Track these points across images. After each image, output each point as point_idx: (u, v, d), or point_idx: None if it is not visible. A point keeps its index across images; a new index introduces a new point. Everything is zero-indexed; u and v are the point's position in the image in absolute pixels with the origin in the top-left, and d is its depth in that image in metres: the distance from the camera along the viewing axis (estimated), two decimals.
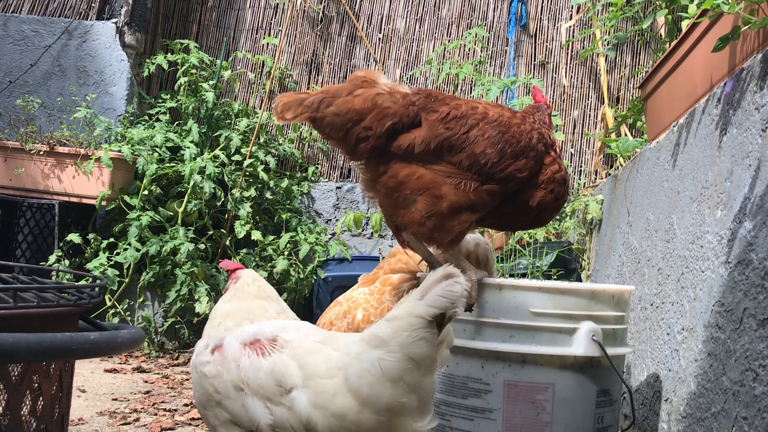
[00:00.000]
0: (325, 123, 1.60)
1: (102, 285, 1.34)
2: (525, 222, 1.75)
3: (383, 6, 5.11)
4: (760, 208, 1.53)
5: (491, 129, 1.62)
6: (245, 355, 1.36)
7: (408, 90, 1.65)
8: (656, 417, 2.05)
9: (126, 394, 3.01)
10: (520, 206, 1.67)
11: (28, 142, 4.09)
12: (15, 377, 1.12)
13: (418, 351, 1.18)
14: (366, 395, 1.20)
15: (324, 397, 1.24)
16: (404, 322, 1.20)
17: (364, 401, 1.20)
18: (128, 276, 4.04)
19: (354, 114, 1.59)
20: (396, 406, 1.19)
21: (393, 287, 1.88)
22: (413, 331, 1.19)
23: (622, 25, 4.72)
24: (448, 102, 1.65)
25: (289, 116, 1.61)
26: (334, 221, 4.79)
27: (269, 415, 1.28)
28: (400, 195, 1.60)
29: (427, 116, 1.61)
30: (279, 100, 1.62)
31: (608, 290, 1.68)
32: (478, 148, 1.59)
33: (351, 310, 1.84)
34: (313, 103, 1.59)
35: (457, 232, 1.59)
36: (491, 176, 1.60)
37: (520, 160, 1.63)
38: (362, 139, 1.59)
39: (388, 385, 1.18)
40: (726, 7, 1.72)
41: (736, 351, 1.55)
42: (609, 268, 2.99)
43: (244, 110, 4.78)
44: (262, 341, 1.37)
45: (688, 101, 2.22)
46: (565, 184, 1.72)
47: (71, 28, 4.69)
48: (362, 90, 1.61)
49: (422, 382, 1.20)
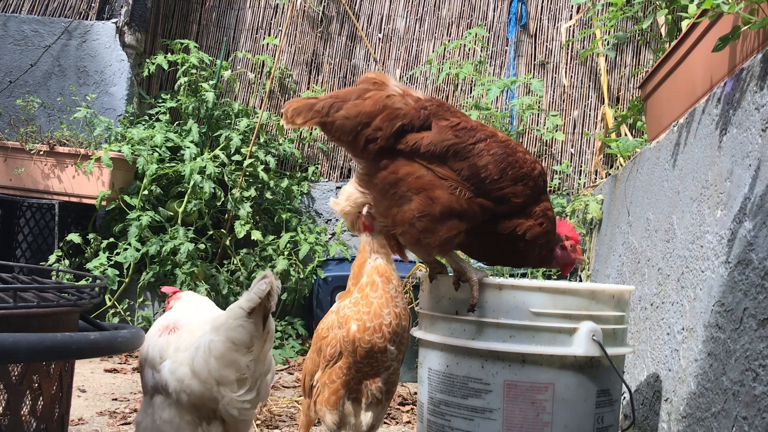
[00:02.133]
0: (335, 127, 1.59)
1: (102, 285, 1.34)
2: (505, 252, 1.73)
3: (383, 6, 5.11)
4: (760, 208, 1.53)
5: (497, 147, 1.63)
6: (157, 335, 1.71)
7: (421, 95, 1.66)
8: (656, 417, 2.05)
9: (126, 394, 3.01)
10: (507, 230, 1.66)
11: (28, 142, 4.09)
12: (15, 377, 1.12)
13: (237, 336, 1.52)
14: (196, 367, 1.55)
15: (175, 366, 1.59)
16: (231, 313, 1.54)
17: (195, 372, 1.55)
18: (128, 276, 4.04)
19: (364, 117, 1.58)
20: (218, 377, 1.53)
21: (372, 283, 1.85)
22: (235, 319, 1.53)
23: (622, 25, 4.72)
24: (459, 115, 1.67)
25: (299, 121, 1.61)
26: (334, 221, 4.79)
27: (152, 378, 1.65)
28: (397, 192, 1.60)
29: (438, 122, 1.62)
30: (289, 106, 1.62)
31: (608, 290, 1.68)
32: (481, 161, 1.60)
33: (344, 324, 1.83)
34: (323, 107, 1.59)
35: (443, 238, 1.59)
36: (487, 192, 1.61)
37: (518, 185, 1.64)
38: (371, 140, 1.59)
39: (213, 361, 1.53)
40: (726, 7, 1.72)
41: (736, 351, 1.55)
42: (609, 268, 2.99)
43: (244, 110, 4.78)
44: (170, 326, 1.72)
45: (688, 101, 2.22)
46: (554, 224, 1.73)
47: (71, 28, 4.69)
48: (373, 92, 1.61)
49: (240, 360, 1.53)
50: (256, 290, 1.50)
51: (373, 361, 1.81)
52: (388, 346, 1.80)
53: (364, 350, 1.79)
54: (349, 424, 1.86)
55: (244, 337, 1.52)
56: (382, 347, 1.79)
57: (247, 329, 1.52)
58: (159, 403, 1.61)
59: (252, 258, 4.27)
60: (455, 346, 1.67)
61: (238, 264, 4.24)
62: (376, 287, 1.83)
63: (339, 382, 1.83)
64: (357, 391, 1.85)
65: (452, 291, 1.68)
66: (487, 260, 1.82)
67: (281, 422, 2.66)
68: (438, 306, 1.75)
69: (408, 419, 2.82)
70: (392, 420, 2.80)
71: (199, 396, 1.55)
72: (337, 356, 1.83)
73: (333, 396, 1.83)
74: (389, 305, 1.82)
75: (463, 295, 1.66)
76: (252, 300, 1.50)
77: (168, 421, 1.59)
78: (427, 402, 1.76)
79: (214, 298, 4.01)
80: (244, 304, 1.52)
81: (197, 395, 1.55)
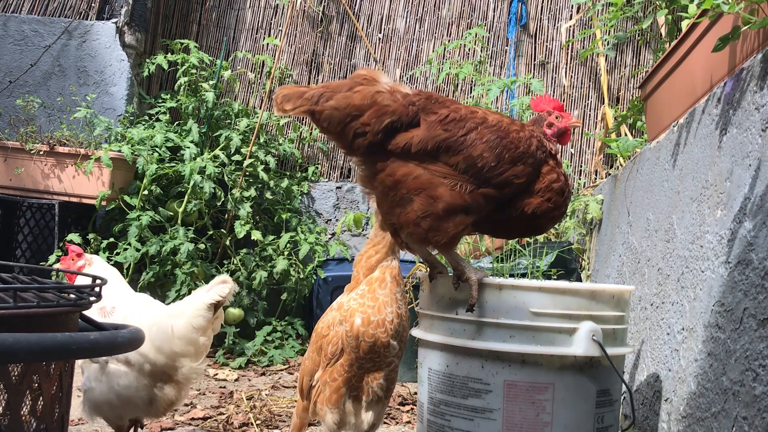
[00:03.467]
0: (323, 116, 1.60)
1: (102, 285, 1.34)
2: (520, 229, 1.73)
3: (383, 6, 5.11)
4: (760, 208, 1.53)
5: (490, 133, 1.62)
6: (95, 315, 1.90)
7: (409, 90, 1.65)
8: (656, 417, 2.05)
9: None
10: (515, 213, 1.66)
11: (28, 142, 4.09)
12: (15, 377, 1.12)
13: (198, 322, 2.02)
14: (159, 344, 1.99)
15: None
16: (194, 304, 2.04)
17: (158, 348, 1.99)
18: (128, 276, 4.04)
19: (353, 109, 1.59)
20: (180, 352, 2.01)
21: (381, 280, 1.87)
22: (198, 310, 2.03)
23: (622, 25, 4.72)
24: (448, 105, 1.65)
25: (289, 107, 1.61)
26: (334, 221, 4.79)
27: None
28: (397, 194, 1.60)
29: (426, 117, 1.61)
30: (279, 92, 1.63)
31: (608, 290, 1.68)
32: (475, 151, 1.59)
33: (348, 318, 1.83)
34: (313, 96, 1.60)
35: (452, 234, 1.59)
36: (488, 180, 1.60)
37: (517, 165, 1.62)
38: (359, 135, 1.59)
39: (176, 340, 2.00)
40: (726, 7, 1.72)
41: (736, 351, 1.55)
42: (609, 268, 2.99)
43: (244, 110, 4.78)
44: (107, 308, 2.06)
45: (688, 101, 2.22)
46: (563, 194, 1.69)
47: (71, 28, 4.69)
48: (362, 87, 1.61)
49: (198, 339, 2.03)
50: (219, 291, 2.04)
51: (375, 356, 1.81)
52: (391, 341, 1.81)
53: (367, 345, 1.79)
54: (349, 424, 1.86)
55: (204, 323, 2.03)
56: (385, 342, 1.80)
57: (206, 317, 2.03)
58: (114, 370, 1.99)
59: (252, 258, 4.27)
60: (455, 346, 1.67)
61: (238, 264, 4.24)
62: (384, 285, 1.85)
63: (341, 380, 1.83)
64: (358, 389, 1.85)
65: (452, 291, 1.69)
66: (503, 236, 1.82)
67: (281, 422, 2.66)
68: (438, 306, 1.75)
69: (408, 419, 2.82)
70: (392, 420, 2.80)
71: (161, 366, 2.00)
72: (339, 354, 1.83)
73: (334, 394, 1.83)
74: (393, 305, 1.83)
75: (463, 295, 1.66)
76: (215, 298, 2.03)
77: (126, 386, 1.99)
78: (427, 402, 1.76)
79: None
80: (207, 298, 2.03)
81: (160, 365, 2.00)
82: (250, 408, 2.83)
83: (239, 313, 4.08)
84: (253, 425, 2.60)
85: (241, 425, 2.60)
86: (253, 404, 2.90)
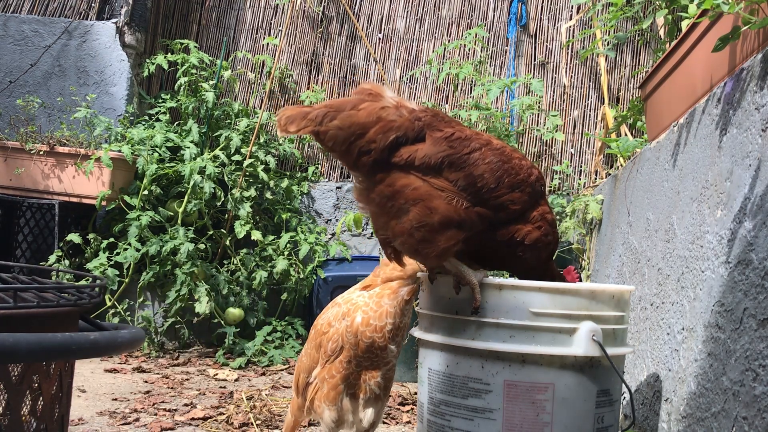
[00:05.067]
0: (328, 137, 1.59)
1: (102, 285, 1.34)
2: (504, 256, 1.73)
3: (383, 6, 5.11)
4: (760, 208, 1.53)
5: (493, 155, 1.63)
6: None
7: (415, 106, 1.65)
8: (656, 417, 2.05)
9: (126, 394, 3.01)
10: (505, 239, 1.66)
11: (28, 142, 4.09)
12: (15, 377, 1.12)
13: None
14: None
15: None
16: None
17: None
18: (128, 276, 4.04)
19: (358, 128, 1.58)
20: None
21: (393, 291, 1.88)
22: None
23: (622, 25, 4.72)
24: (453, 125, 1.66)
25: (293, 129, 1.60)
26: (334, 221, 4.79)
27: None
28: (395, 204, 1.60)
29: (432, 133, 1.61)
30: (282, 114, 1.61)
31: (608, 290, 1.68)
32: (476, 171, 1.60)
33: (350, 313, 1.85)
34: (317, 116, 1.58)
35: (442, 248, 1.59)
36: (485, 201, 1.61)
37: (515, 192, 1.63)
38: (365, 153, 1.59)
39: None
40: (726, 7, 1.72)
41: (736, 351, 1.55)
42: (609, 268, 2.99)
43: (244, 110, 4.78)
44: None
45: (688, 101, 2.22)
46: (555, 227, 1.73)
47: (71, 28, 4.69)
48: (367, 104, 1.60)
49: None
50: None
51: (373, 355, 1.84)
52: (388, 345, 1.84)
53: (365, 344, 1.82)
54: (347, 422, 1.86)
55: None
56: (383, 345, 1.83)
57: None
58: None
59: (252, 258, 4.27)
60: (455, 346, 1.67)
61: (238, 264, 4.24)
62: (394, 298, 1.88)
63: (339, 377, 1.84)
64: (355, 387, 1.86)
65: (452, 291, 1.69)
66: (487, 267, 1.82)
67: (281, 422, 2.66)
68: (438, 306, 1.75)
69: (408, 419, 2.82)
70: (392, 420, 2.80)
71: None
72: (339, 351, 1.84)
73: (332, 391, 1.84)
74: (395, 318, 1.86)
75: (464, 296, 1.66)
76: None
77: None
78: (427, 402, 1.76)
79: (215, 297, 4.01)
80: None
81: None
82: (250, 408, 2.83)
83: (239, 313, 4.09)
84: (253, 425, 2.60)
85: (241, 425, 2.60)
86: (253, 404, 2.90)
